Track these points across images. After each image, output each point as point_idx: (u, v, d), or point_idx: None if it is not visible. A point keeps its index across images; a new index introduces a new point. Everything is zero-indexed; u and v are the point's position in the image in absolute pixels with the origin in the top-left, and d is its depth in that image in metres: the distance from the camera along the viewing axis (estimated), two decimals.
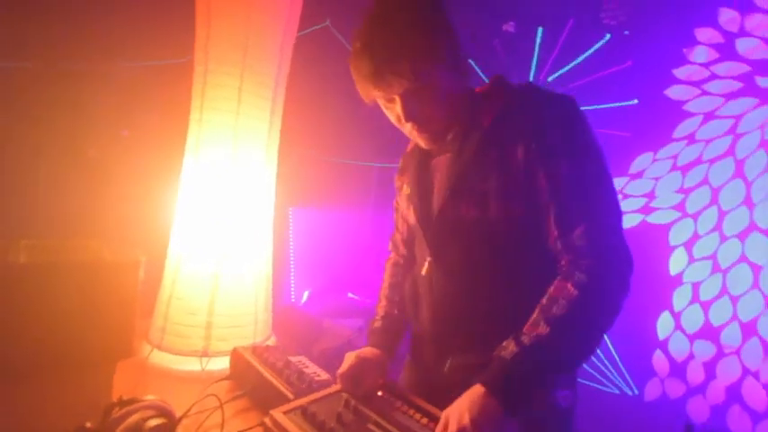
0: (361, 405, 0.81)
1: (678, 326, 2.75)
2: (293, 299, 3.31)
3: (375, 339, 0.97)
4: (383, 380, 0.90)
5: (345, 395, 0.84)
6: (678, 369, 2.72)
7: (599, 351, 2.96)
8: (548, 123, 0.77)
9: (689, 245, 2.76)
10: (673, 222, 2.82)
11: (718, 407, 2.55)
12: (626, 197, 2.94)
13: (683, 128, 2.80)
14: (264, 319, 1.33)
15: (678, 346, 2.74)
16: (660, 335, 2.80)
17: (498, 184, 0.77)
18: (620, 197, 0.79)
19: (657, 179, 2.88)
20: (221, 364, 1.16)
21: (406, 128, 0.82)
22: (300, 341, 2.42)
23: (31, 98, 1.91)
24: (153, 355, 1.18)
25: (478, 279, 0.82)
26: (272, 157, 1.37)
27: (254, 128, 1.29)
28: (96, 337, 1.19)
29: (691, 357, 2.69)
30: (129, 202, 1.97)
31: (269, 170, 1.36)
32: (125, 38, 2.08)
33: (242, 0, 1.22)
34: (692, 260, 2.74)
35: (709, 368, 2.62)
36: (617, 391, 2.93)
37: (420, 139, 0.85)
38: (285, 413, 0.78)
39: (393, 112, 0.81)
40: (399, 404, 0.82)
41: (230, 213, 1.25)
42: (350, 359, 0.89)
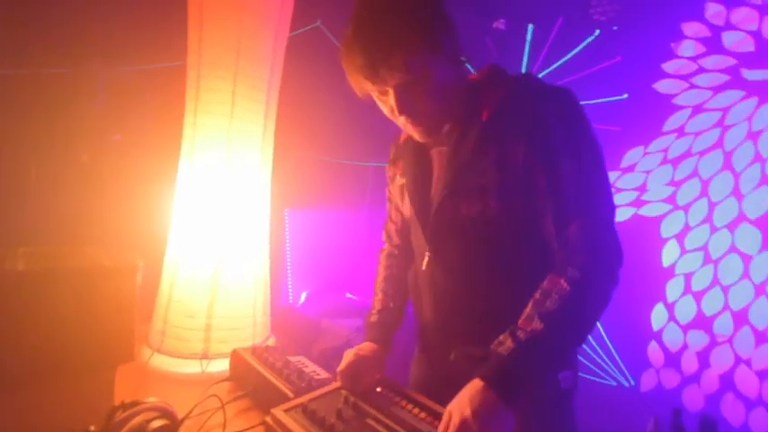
0: (360, 401, 0.82)
1: (672, 317, 2.78)
2: (291, 300, 3.32)
3: (372, 334, 0.98)
4: (381, 375, 0.92)
5: (345, 392, 0.86)
6: (673, 359, 2.76)
7: (596, 344, 3.00)
8: (547, 119, 0.75)
9: (680, 236, 2.79)
10: (664, 215, 2.85)
11: (713, 395, 2.59)
12: (618, 191, 2.96)
13: (672, 121, 2.83)
14: (263, 320, 1.34)
15: (672, 337, 2.77)
16: (654, 326, 2.83)
17: (497, 181, 0.77)
18: (612, 190, 0.79)
19: (648, 172, 2.91)
20: (221, 365, 1.17)
21: (400, 120, 0.80)
22: (299, 342, 2.43)
23: (23, 103, 1.90)
24: (153, 359, 1.19)
25: (477, 274, 0.83)
26: (266, 160, 1.38)
27: (248, 131, 1.29)
28: (96, 341, 1.20)
29: (685, 347, 2.73)
30: (125, 207, 1.96)
31: (264, 173, 1.37)
32: (117, 42, 2.08)
33: (234, 4, 1.23)
34: (683, 251, 2.78)
35: (703, 357, 2.66)
36: (614, 383, 2.97)
37: (414, 132, 0.82)
38: (286, 411, 0.79)
39: (386, 104, 0.78)
40: (398, 399, 0.84)
41: (226, 217, 1.26)
42: (348, 357, 0.91)
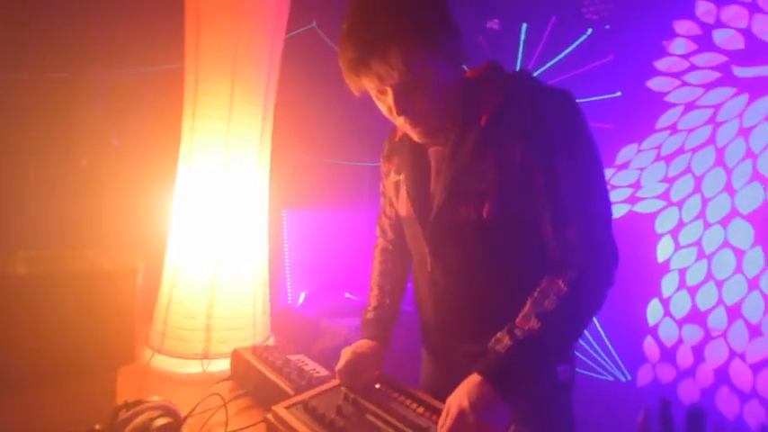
0: (359, 398, 0.84)
1: (667, 312, 2.82)
2: (290, 301, 3.33)
3: (369, 331, 0.99)
4: (380, 371, 0.94)
5: (344, 389, 0.87)
6: (668, 354, 2.79)
7: (593, 340, 3.03)
8: (545, 119, 0.75)
9: (675, 232, 2.82)
10: (659, 211, 2.88)
11: (708, 389, 2.63)
12: (613, 188, 2.99)
13: (665, 118, 2.86)
14: (263, 320, 1.35)
15: (667, 332, 2.81)
16: (650, 321, 2.87)
17: (496, 184, 0.77)
18: (609, 190, 0.81)
19: (642, 169, 2.94)
20: (222, 365, 1.18)
21: (398, 121, 0.79)
22: (299, 342, 2.44)
23: (22, 107, 1.91)
24: (154, 360, 1.20)
25: (476, 274, 0.85)
26: (264, 163, 1.39)
27: (245, 134, 1.31)
28: (98, 344, 1.21)
29: (680, 342, 2.76)
30: (124, 211, 1.97)
31: (262, 175, 1.38)
32: (117, 46, 2.09)
33: (231, 9, 1.24)
34: (678, 247, 2.81)
35: (698, 352, 2.69)
36: (611, 378, 3.00)
37: (413, 133, 0.82)
38: (287, 408, 0.81)
39: (385, 103, 0.78)
40: (396, 395, 0.85)
41: (225, 219, 1.27)
42: (346, 355, 0.92)
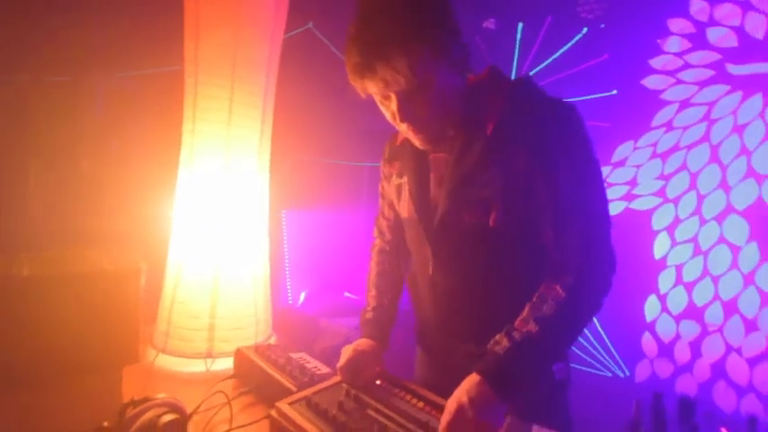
0: (361, 394, 0.86)
1: (664, 308, 2.84)
2: (290, 300, 3.35)
3: (368, 331, 1.00)
4: (380, 368, 0.95)
5: (346, 385, 0.89)
6: (666, 349, 2.82)
7: (591, 337, 3.05)
8: (547, 128, 0.77)
9: (671, 229, 2.85)
10: (655, 208, 2.91)
11: (705, 383, 2.65)
12: (610, 185, 3.02)
13: (660, 116, 2.89)
14: (265, 319, 1.37)
15: (665, 328, 2.84)
16: (648, 317, 2.89)
17: (500, 192, 0.79)
18: (606, 195, 0.83)
19: (639, 167, 2.97)
20: (225, 364, 1.19)
21: (401, 127, 0.80)
22: (300, 341, 2.46)
23: (24, 110, 1.92)
24: (158, 359, 1.21)
25: (477, 277, 0.86)
26: (264, 164, 1.41)
27: (245, 137, 1.32)
28: (101, 344, 1.22)
29: (677, 338, 2.79)
30: (125, 213, 1.98)
31: (261, 177, 1.40)
32: (117, 49, 2.10)
33: (230, 13, 1.25)
34: (674, 244, 2.84)
35: (695, 347, 2.72)
36: (609, 374, 3.02)
37: (415, 140, 0.83)
38: (290, 404, 0.83)
39: (388, 109, 0.78)
40: (397, 391, 0.87)
41: (226, 221, 1.29)
42: (347, 352, 0.93)
